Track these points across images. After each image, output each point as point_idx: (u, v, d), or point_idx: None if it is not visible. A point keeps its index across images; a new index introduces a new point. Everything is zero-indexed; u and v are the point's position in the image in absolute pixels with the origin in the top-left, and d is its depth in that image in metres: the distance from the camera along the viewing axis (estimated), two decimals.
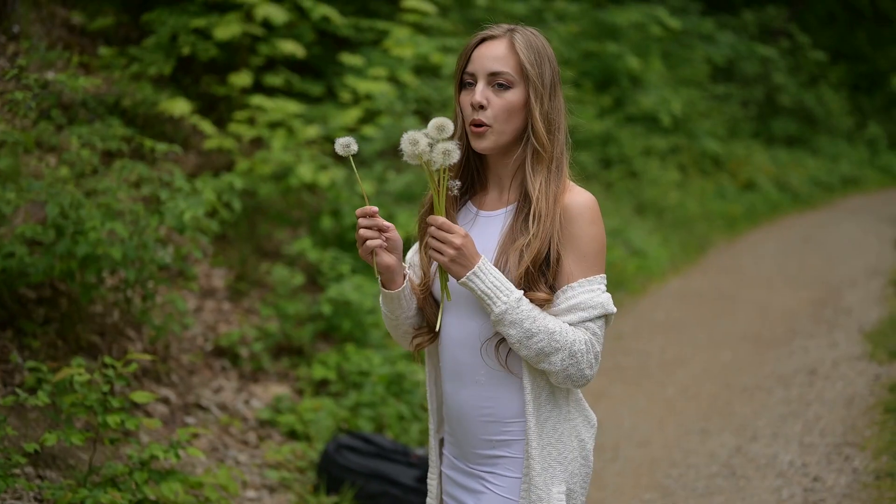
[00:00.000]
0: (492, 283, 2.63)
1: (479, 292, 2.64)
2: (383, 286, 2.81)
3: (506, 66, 2.72)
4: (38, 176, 5.78)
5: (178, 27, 7.83)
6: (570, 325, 2.67)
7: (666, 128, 14.74)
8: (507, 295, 2.63)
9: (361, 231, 2.70)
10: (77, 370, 3.91)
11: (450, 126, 2.65)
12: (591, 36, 14.11)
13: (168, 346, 5.98)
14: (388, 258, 2.74)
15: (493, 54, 2.73)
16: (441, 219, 2.64)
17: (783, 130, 19.80)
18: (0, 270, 4.88)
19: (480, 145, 2.74)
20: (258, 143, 7.74)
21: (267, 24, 7.96)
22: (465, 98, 2.75)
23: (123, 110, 7.41)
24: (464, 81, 2.77)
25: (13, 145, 5.16)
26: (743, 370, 7.87)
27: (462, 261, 2.63)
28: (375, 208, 2.73)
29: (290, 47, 7.83)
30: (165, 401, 5.64)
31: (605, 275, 2.75)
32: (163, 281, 5.46)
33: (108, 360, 4.22)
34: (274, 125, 7.53)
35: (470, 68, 2.75)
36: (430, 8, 8.64)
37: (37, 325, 5.17)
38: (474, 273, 2.63)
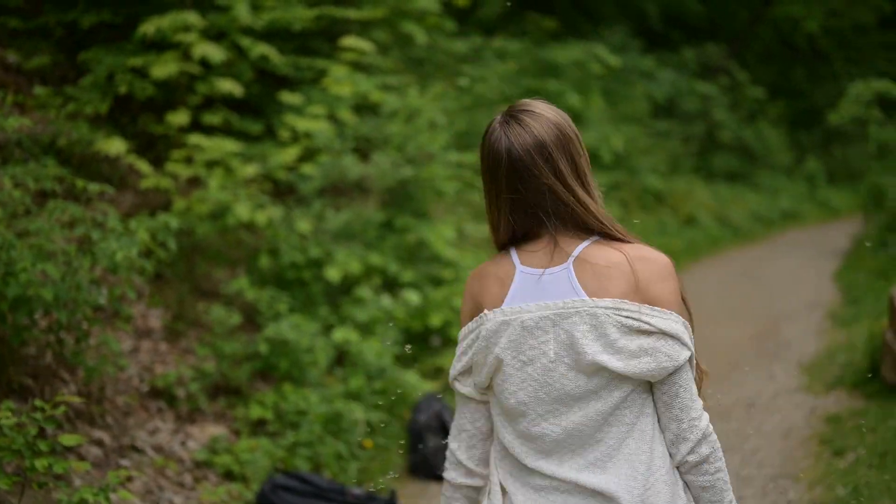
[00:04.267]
0: None
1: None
2: None
3: None
4: None
5: (115, 66, 7.80)
6: None
7: (607, 164, 14.87)
8: None
9: None
10: (4, 413, 3.85)
11: None
12: (532, 74, 14.23)
13: (103, 387, 5.91)
14: None
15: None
16: None
17: (724, 166, 20.06)
18: None
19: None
20: (196, 182, 7.70)
21: (205, 62, 7.94)
22: None
23: (59, 150, 7.35)
24: None
25: None
26: None
27: None
28: None
29: (228, 86, 7.82)
30: (99, 443, 5.56)
31: None
32: (97, 322, 5.41)
33: (38, 402, 4.17)
34: (212, 164, 7.50)
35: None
36: (367, 47, 8.68)
37: None
38: None
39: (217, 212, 7.13)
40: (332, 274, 7.22)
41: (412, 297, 7.53)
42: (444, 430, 6.20)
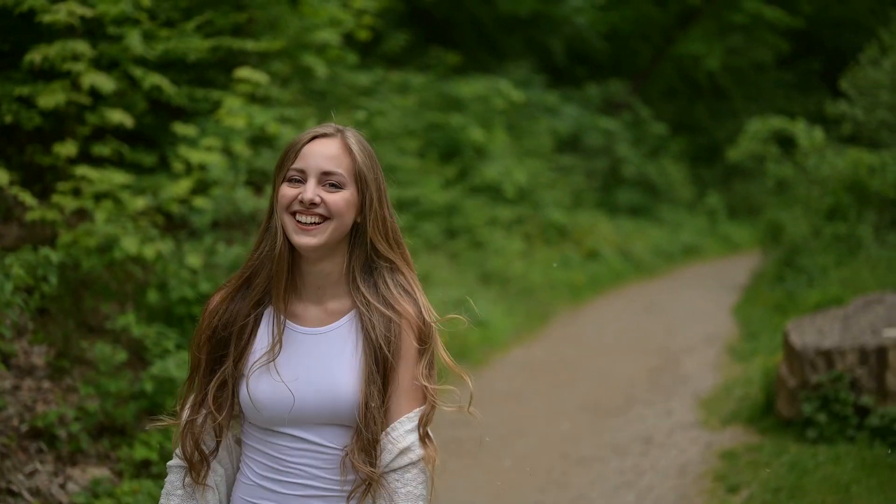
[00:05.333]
0: None
1: None
2: None
3: (339, 167, 2.64)
4: None
5: (2, 95, 7.56)
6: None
7: (510, 198, 14.91)
8: None
9: None
10: None
11: None
12: (435, 107, 14.23)
13: None
14: None
15: (327, 153, 2.64)
16: None
17: (627, 200, 20.26)
18: None
19: (310, 242, 2.61)
20: (83, 214, 7.49)
21: (95, 92, 7.74)
22: (290, 191, 2.64)
23: None
24: (289, 177, 2.65)
25: None
26: (580, 440, 7.88)
27: None
28: None
29: (119, 116, 7.62)
30: None
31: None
32: None
33: None
34: (100, 196, 7.29)
35: (300, 164, 2.64)
36: (262, 78, 8.54)
37: None
38: None
39: (104, 245, 6.92)
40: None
41: None
42: None
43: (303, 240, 2.61)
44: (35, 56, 7.46)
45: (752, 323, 12.04)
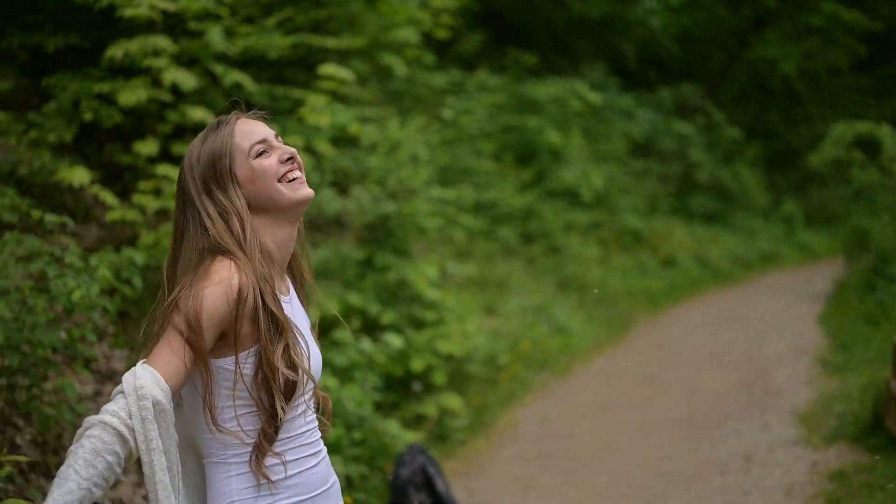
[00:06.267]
0: None
1: None
2: None
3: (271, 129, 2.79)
4: None
5: (81, 92, 7.35)
6: None
7: (587, 203, 14.55)
8: None
9: None
10: None
11: None
12: (511, 109, 13.92)
13: (60, 435, 5.44)
14: None
15: (256, 123, 2.76)
16: None
17: (701, 206, 19.80)
18: None
19: (311, 191, 2.75)
20: (164, 214, 7.26)
21: (176, 89, 7.52)
22: (268, 160, 2.70)
23: (20, 179, 6.90)
24: (256, 151, 2.69)
25: None
26: (675, 456, 7.52)
27: None
28: None
29: (201, 114, 7.39)
30: None
31: None
32: (53, 366, 4.94)
33: None
34: None
35: (254, 138, 2.70)
36: (347, 75, 8.28)
37: None
38: None
39: None
40: (309, 315, 6.78)
41: (394, 340, 7.10)
42: (428, 486, 5.76)
43: (305, 191, 2.72)
44: (115, 52, 7.23)
45: (843, 334, 11.56)
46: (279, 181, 2.67)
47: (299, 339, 2.67)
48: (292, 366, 2.60)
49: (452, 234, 9.64)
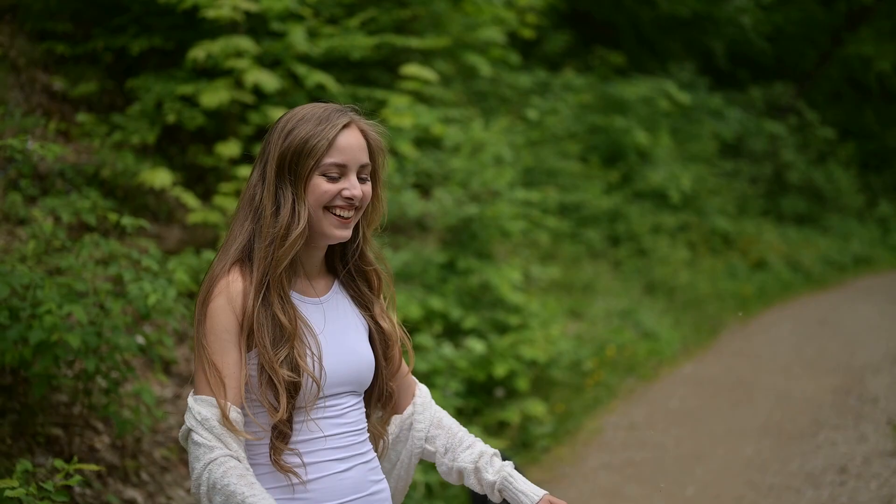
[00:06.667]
0: None
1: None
2: None
3: (367, 157, 2.66)
4: (7, 251, 5.29)
5: (164, 94, 7.36)
6: None
7: (675, 205, 14.28)
8: None
9: None
10: (9, 483, 3.33)
11: None
12: (597, 109, 13.71)
13: (139, 439, 5.41)
14: None
15: (358, 144, 2.63)
16: None
17: (792, 208, 19.35)
18: None
19: (347, 235, 2.65)
20: None
21: (258, 91, 7.49)
22: (329, 186, 2.59)
23: (102, 181, 6.92)
24: (326, 171, 2.59)
25: None
26: (767, 466, 7.28)
27: None
28: None
29: None
30: (132, 503, 5.05)
31: None
32: (130, 370, 4.90)
33: (58, 463, 3.68)
34: None
35: (338, 159, 2.59)
36: (431, 76, 8.18)
37: None
38: None
39: None
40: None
41: (476, 345, 6.97)
42: None
43: (342, 233, 2.63)
44: (198, 53, 7.23)
45: None
46: (325, 208, 2.60)
47: (309, 341, 2.59)
48: (294, 368, 2.55)
49: (537, 237, 9.49)
